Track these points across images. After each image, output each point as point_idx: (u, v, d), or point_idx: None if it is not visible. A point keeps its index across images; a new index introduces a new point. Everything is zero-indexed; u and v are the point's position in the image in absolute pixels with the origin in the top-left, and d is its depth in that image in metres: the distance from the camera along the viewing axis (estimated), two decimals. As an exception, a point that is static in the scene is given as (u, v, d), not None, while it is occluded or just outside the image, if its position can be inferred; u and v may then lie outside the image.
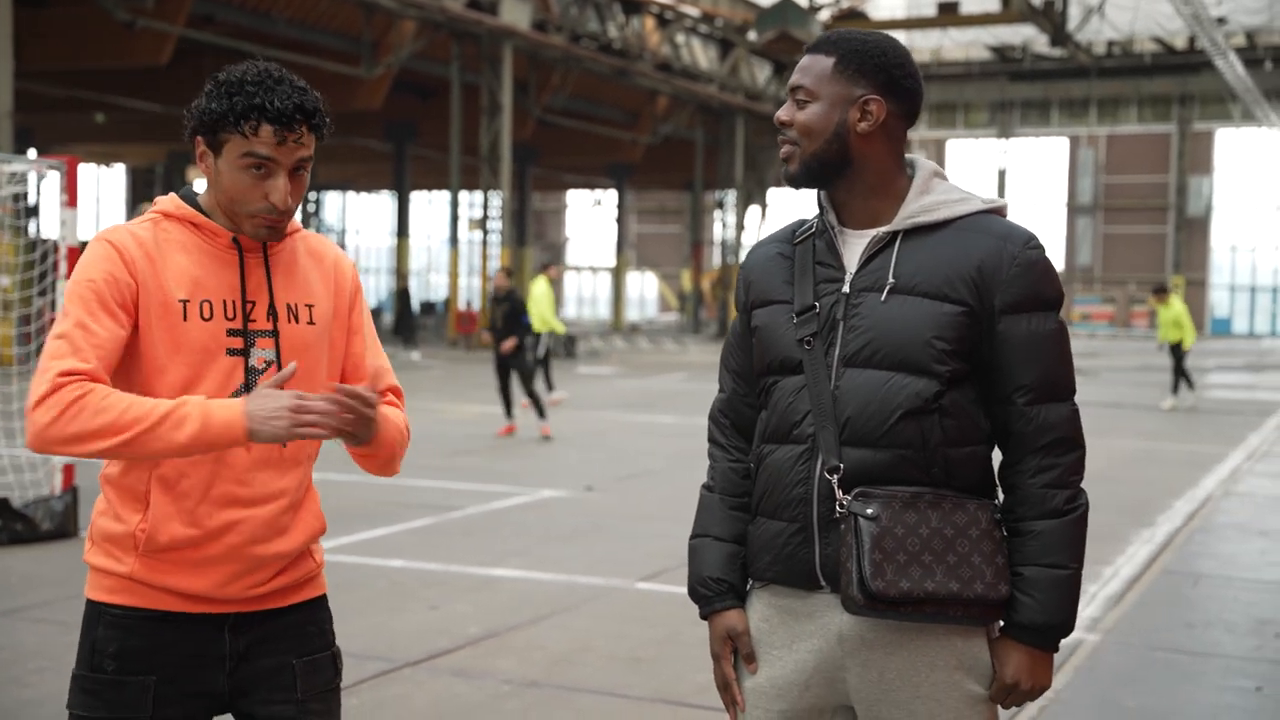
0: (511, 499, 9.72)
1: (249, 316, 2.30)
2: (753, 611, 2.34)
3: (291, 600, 2.38)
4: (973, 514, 2.18)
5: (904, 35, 47.00)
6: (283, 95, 2.22)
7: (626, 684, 5.25)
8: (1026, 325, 2.20)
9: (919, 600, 2.14)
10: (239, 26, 27.14)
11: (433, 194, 56.22)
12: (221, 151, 2.25)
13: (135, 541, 2.26)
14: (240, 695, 2.34)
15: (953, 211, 2.25)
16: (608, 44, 32.55)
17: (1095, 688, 5.35)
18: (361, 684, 5.14)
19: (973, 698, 2.23)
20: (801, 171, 2.27)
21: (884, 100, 2.25)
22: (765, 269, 2.35)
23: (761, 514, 2.31)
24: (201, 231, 2.31)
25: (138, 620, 2.28)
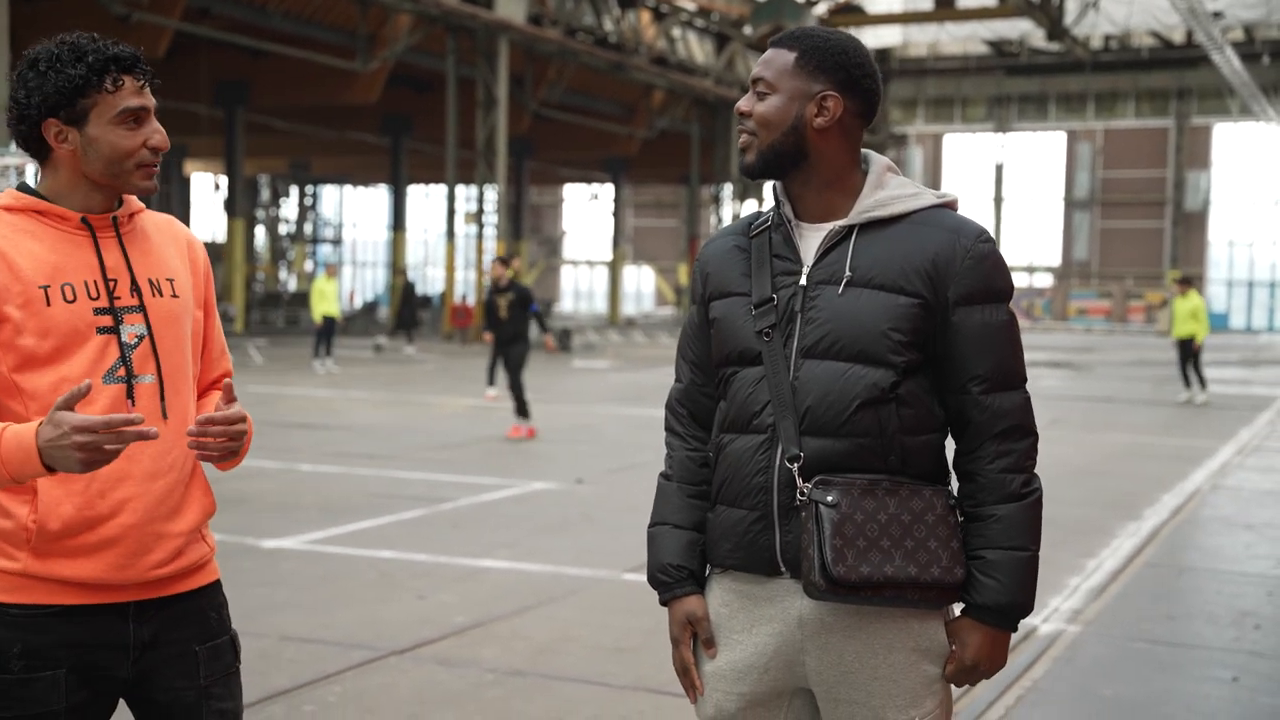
0: (502, 491, 9.77)
1: (113, 294, 2.29)
2: (712, 597, 2.38)
3: (190, 585, 2.38)
4: (928, 500, 2.24)
5: (900, 29, 47.08)
6: (121, 47, 2.26)
7: (609, 672, 5.30)
8: (980, 316, 2.26)
9: (879, 585, 2.19)
10: (234, 20, 27.17)
11: (429, 188, 56.26)
12: (88, 119, 2.24)
13: (27, 534, 2.24)
14: (143, 681, 2.34)
15: (906, 206, 2.30)
16: (603, 38, 32.58)
17: (1073, 678, 5.40)
18: (346, 672, 5.19)
19: (928, 678, 2.29)
20: (758, 162, 2.31)
21: (841, 97, 2.29)
22: (722, 261, 2.39)
23: (721, 502, 2.35)
24: (48, 218, 2.28)
25: (39, 617, 2.25)
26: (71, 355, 2.25)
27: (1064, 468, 11.25)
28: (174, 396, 2.34)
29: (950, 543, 2.24)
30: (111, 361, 2.27)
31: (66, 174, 2.29)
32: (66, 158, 2.27)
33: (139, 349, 2.30)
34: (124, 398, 2.28)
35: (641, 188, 59.30)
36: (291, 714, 4.70)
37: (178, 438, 2.33)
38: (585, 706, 4.89)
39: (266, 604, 6.18)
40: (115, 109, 2.24)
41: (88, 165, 2.27)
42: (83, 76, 2.21)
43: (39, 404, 2.24)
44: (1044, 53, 50.63)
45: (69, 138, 2.25)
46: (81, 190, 2.30)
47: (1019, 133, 55.19)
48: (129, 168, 2.28)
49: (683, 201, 51.25)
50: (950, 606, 2.33)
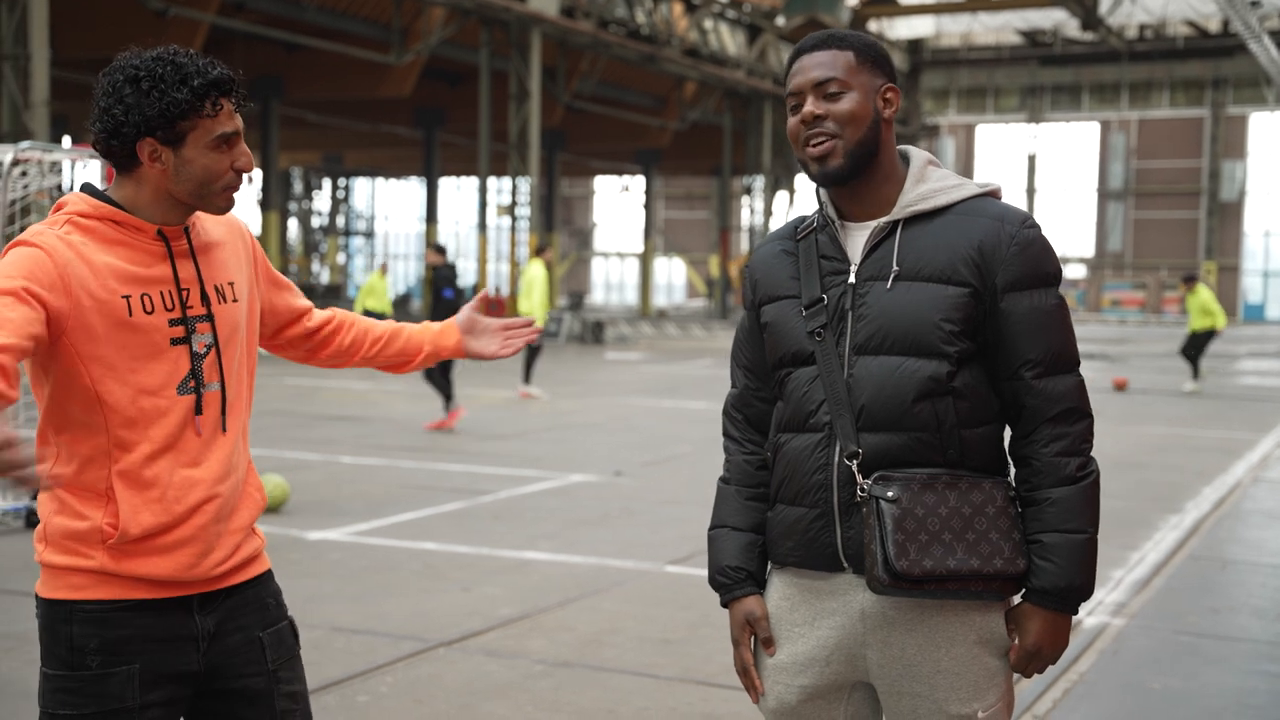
0: (541, 483, 9.82)
1: (186, 304, 2.33)
2: (773, 591, 2.41)
3: (246, 576, 2.44)
4: (988, 492, 2.26)
5: (933, 19, 46.89)
6: (221, 70, 2.27)
7: (656, 664, 5.33)
8: (1028, 301, 2.27)
9: (942, 578, 2.21)
10: (269, 14, 27.29)
11: (461, 180, 56.37)
12: (185, 141, 2.25)
13: (103, 536, 2.27)
14: (214, 674, 2.38)
15: (949, 197, 2.32)
16: (636, 30, 32.56)
17: (1120, 671, 5.40)
18: (396, 663, 5.24)
19: (991, 670, 2.31)
20: (848, 163, 2.30)
21: (898, 91, 2.36)
22: (770, 266, 2.43)
23: (781, 501, 2.38)
24: (124, 228, 2.29)
25: (113, 612, 2.29)
26: (149, 366, 2.29)
27: (1103, 460, 11.11)
28: (235, 403, 2.41)
29: (1012, 534, 2.25)
30: (184, 372, 2.32)
31: (150, 190, 2.30)
32: (156, 175, 2.28)
33: (207, 358, 2.35)
34: (193, 407, 2.33)
35: (673, 179, 59.26)
36: (345, 704, 4.75)
37: (238, 441, 2.41)
38: (635, 698, 4.93)
39: (315, 595, 6.24)
40: (213, 134, 2.26)
41: (176, 185, 2.28)
42: (186, 101, 2.22)
43: (120, 417, 2.27)
44: (1078, 42, 50.27)
45: (163, 157, 2.26)
46: (163, 205, 2.32)
47: (1052, 123, 54.85)
48: (216, 189, 2.30)
49: (714, 193, 51.19)
50: (1010, 598, 2.35)
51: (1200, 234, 52.62)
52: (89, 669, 2.28)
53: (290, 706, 2.45)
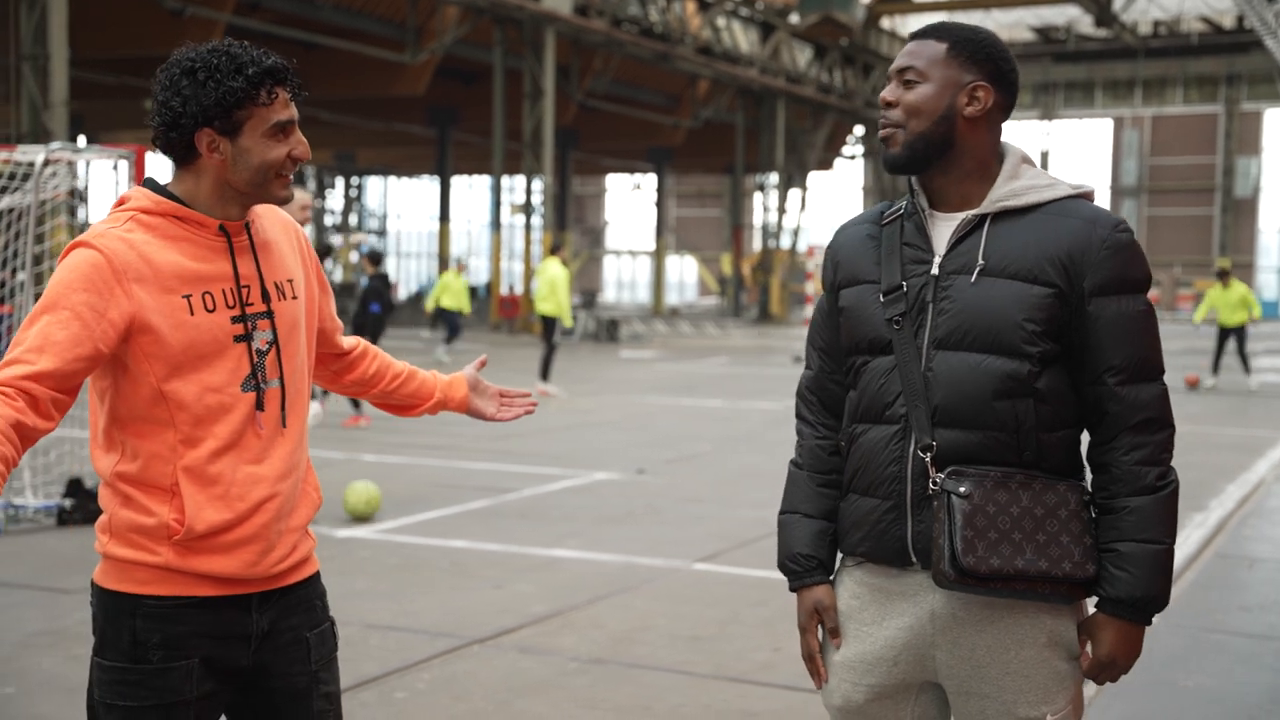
0: (565, 481, 9.85)
1: (246, 302, 2.33)
2: (843, 589, 2.41)
3: (300, 576, 2.46)
4: (1062, 495, 2.24)
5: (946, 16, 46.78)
6: (275, 59, 2.29)
7: (689, 661, 5.36)
8: (1116, 306, 2.24)
9: (1008, 577, 2.20)
10: (285, 14, 27.38)
11: (473, 179, 56.43)
12: (242, 130, 2.26)
13: (169, 532, 2.29)
14: (260, 671, 2.41)
15: (1040, 196, 2.29)
16: (649, 28, 32.58)
17: (1152, 669, 5.40)
18: (433, 660, 5.27)
19: (1060, 674, 2.29)
20: (905, 153, 2.30)
21: (992, 89, 2.31)
22: (853, 249, 2.41)
23: (854, 491, 2.37)
24: (186, 223, 2.30)
25: (176, 609, 2.31)
26: (213, 364, 2.30)
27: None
28: (295, 400, 2.42)
29: (1083, 538, 2.23)
30: (246, 370, 2.33)
31: (210, 181, 2.31)
32: (215, 166, 2.29)
33: (268, 356, 2.36)
34: (254, 405, 2.34)
35: (685, 177, 59.28)
36: (384, 700, 4.79)
37: (299, 439, 2.43)
38: (670, 694, 4.95)
39: (347, 592, 6.28)
40: (269, 122, 2.27)
41: (234, 174, 2.29)
42: (242, 89, 2.24)
43: (187, 414, 2.29)
44: (1092, 39, 50.18)
45: (221, 147, 2.27)
46: (223, 199, 2.32)
47: (1065, 120, 54.76)
48: (271, 177, 2.31)
49: (726, 191, 51.20)
50: (1084, 603, 2.33)
51: (1214, 231, 52.50)
52: (150, 663, 2.30)
53: (326, 707, 2.49)
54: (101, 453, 2.34)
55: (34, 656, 5.18)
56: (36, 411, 2.16)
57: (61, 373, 2.17)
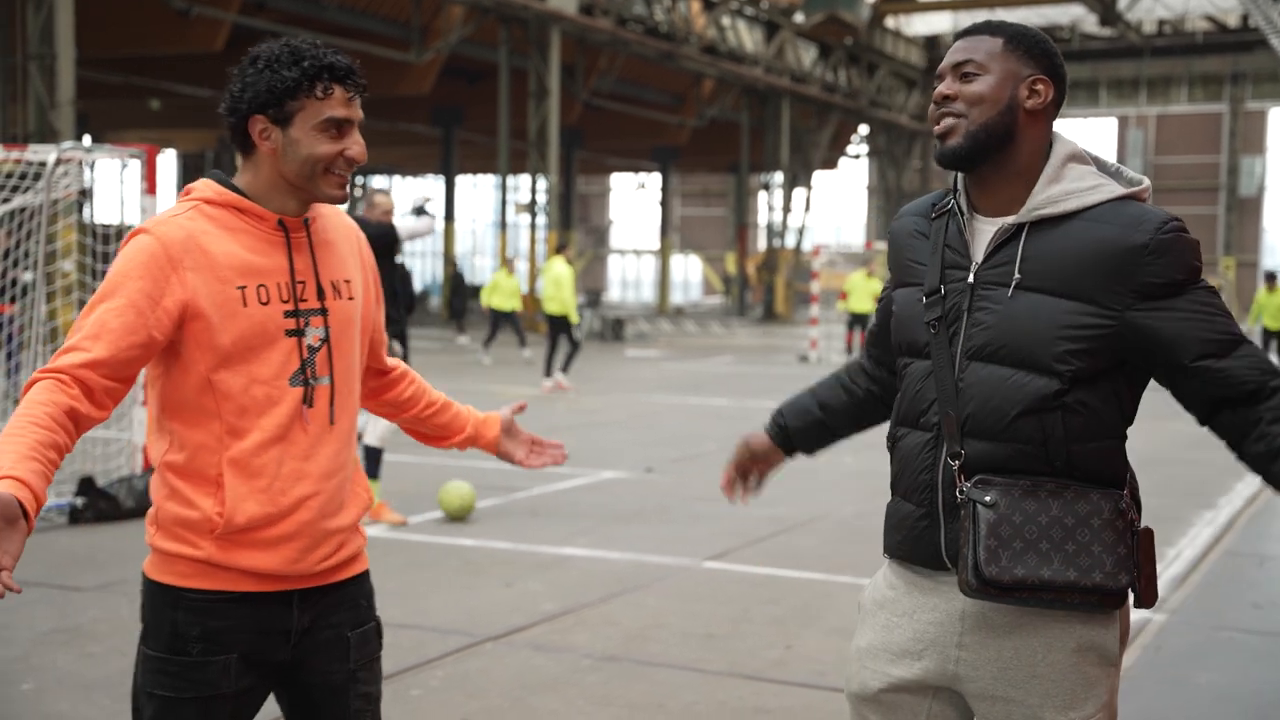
0: (573, 480, 9.86)
1: (300, 297, 2.35)
2: (881, 578, 2.43)
3: (346, 574, 2.47)
4: (1095, 503, 2.18)
5: (952, 15, 46.76)
6: (338, 57, 2.32)
7: (702, 659, 5.37)
8: (1178, 306, 2.18)
9: (1034, 587, 2.16)
10: (290, 13, 27.40)
11: (478, 178, 56.44)
12: (293, 121, 2.29)
13: (211, 525, 2.32)
14: (298, 666, 2.42)
15: (1081, 201, 2.23)
16: (654, 27, 32.58)
17: (1165, 666, 5.42)
18: (446, 657, 5.29)
19: (1091, 680, 2.24)
20: (966, 143, 2.25)
21: (1051, 83, 2.28)
22: (904, 246, 2.42)
23: (896, 494, 2.39)
24: (246, 216, 2.33)
25: (217, 603, 2.34)
26: (262, 356, 2.32)
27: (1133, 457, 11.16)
28: (345, 399, 2.43)
29: (1117, 548, 2.18)
30: (296, 364, 2.35)
31: (266, 172, 2.34)
32: (267, 155, 2.32)
33: (319, 353, 2.37)
34: (301, 401, 2.35)
35: (690, 177, 59.25)
36: (399, 697, 4.80)
37: (347, 438, 2.43)
38: (683, 692, 4.96)
39: (359, 590, 6.29)
40: (320, 116, 2.29)
41: (285, 165, 2.31)
42: (294, 80, 2.27)
43: (233, 404, 2.31)
44: (1096, 38, 50.12)
45: (272, 136, 2.30)
46: (279, 191, 2.35)
47: (1069, 119, 54.68)
48: (319, 172, 2.32)
49: (731, 190, 51.18)
50: (1123, 611, 2.28)
51: (1219, 230, 52.44)
52: (189, 655, 2.32)
53: (363, 707, 2.49)
54: (154, 440, 2.38)
55: (49, 654, 5.19)
56: (91, 400, 2.19)
57: (116, 360, 2.21)
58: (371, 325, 2.57)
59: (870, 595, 2.45)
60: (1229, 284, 48.69)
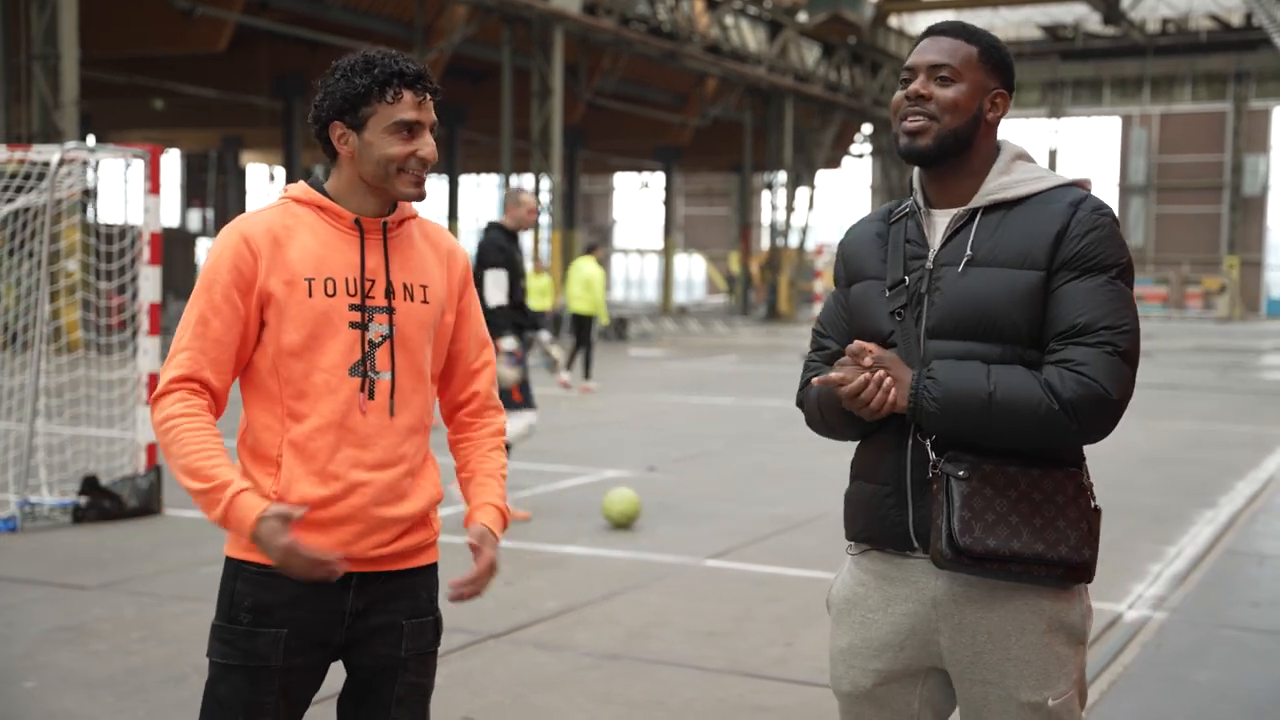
0: (576, 479, 9.88)
1: (367, 294, 2.46)
2: (849, 576, 2.49)
3: (409, 564, 2.55)
4: (1060, 481, 2.30)
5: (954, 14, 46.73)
6: (408, 64, 2.46)
7: (703, 656, 5.39)
8: (1080, 283, 2.29)
9: (1004, 559, 2.25)
10: (294, 13, 27.41)
11: (480, 178, 56.46)
12: (366, 125, 2.43)
13: (270, 501, 2.41)
14: (350, 646, 2.52)
15: (1031, 188, 2.38)
16: (657, 27, 32.58)
17: (1164, 664, 5.43)
18: (449, 654, 5.30)
19: (1062, 659, 2.34)
20: (934, 146, 2.38)
21: (1008, 97, 2.43)
22: (861, 247, 2.51)
23: (859, 477, 2.45)
24: (326, 214, 2.49)
25: (271, 577, 2.44)
26: (324, 345, 2.44)
27: (1135, 455, 11.23)
28: (408, 395, 2.51)
29: (1080, 524, 2.29)
30: (357, 356, 2.45)
31: (347, 174, 2.50)
32: (347, 159, 2.49)
33: (381, 348, 2.47)
34: (359, 391, 2.45)
35: (693, 176, 59.25)
36: (401, 695, 4.82)
37: (408, 433, 2.51)
38: (683, 689, 4.99)
39: (362, 589, 6.31)
40: (391, 119, 2.43)
41: (362, 167, 2.47)
42: (366, 86, 2.43)
43: (293, 389, 2.44)
44: (1099, 37, 50.12)
45: (349, 140, 2.47)
46: (359, 192, 2.50)
47: (1073, 118, 54.67)
48: (394, 172, 2.45)
49: (734, 190, 51.20)
50: (1086, 589, 2.38)
51: (1223, 229, 52.40)
52: (240, 624, 2.45)
53: (409, 695, 2.56)
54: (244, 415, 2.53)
55: (52, 652, 5.22)
56: (216, 400, 2.46)
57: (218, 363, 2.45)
58: (449, 337, 2.62)
59: (839, 593, 2.50)
60: (1233, 283, 48.65)
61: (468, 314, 2.65)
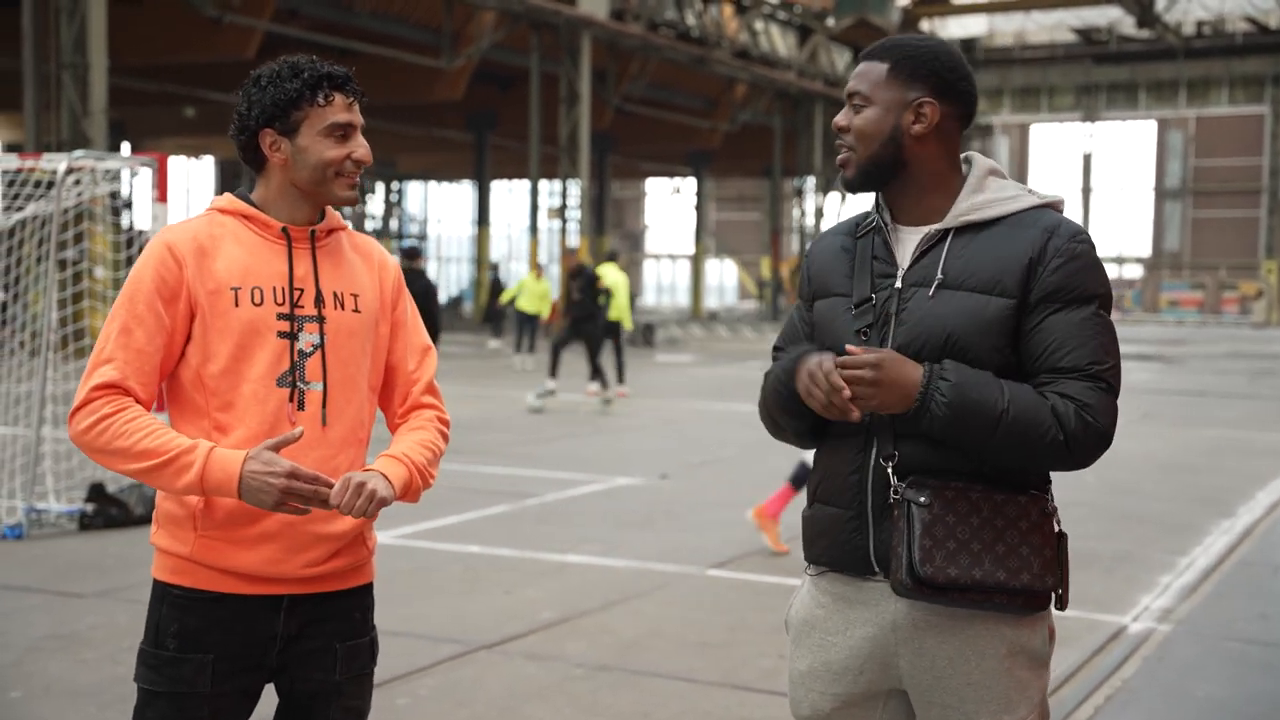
0: (587, 486, 9.85)
1: (296, 303, 2.42)
2: (808, 598, 2.42)
3: (343, 585, 2.49)
4: (1023, 507, 2.24)
5: (986, 19, 46.53)
6: (334, 67, 2.43)
7: (694, 668, 5.34)
8: (1063, 316, 2.23)
9: (965, 588, 2.20)
10: (322, 20, 27.55)
11: (512, 183, 56.58)
12: (299, 130, 2.40)
13: (195, 520, 2.38)
14: (282, 671, 2.46)
15: (1004, 209, 2.30)
16: (686, 32, 32.57)
17: (1164, 677, 5.34)
18: (437, 666, 5.28)
19: (1022, 683, 2.29)
20: (857, 176, 2.34)
21: (938, 103, 2.31)
22: (826, 261, 2.43)
23: (819, 500, 2.38)
24: (253, 223, 2.45)
25: (197, 601, 2.40)
26: (251, 356, 2.39)
27: (1153, 462, 11.09)
28: (342, 405, 2.46)
29: (1044, 551, 2.23)
30: (285, 367, 2.41)
31: (277, 182, 2.46)
32: (278, 166, 2.44)
33: (312, 358, 2.43)
34: (288, 401, 2.40)
35: (724, 181, 59.20)
36: (385, 706, 4.80)
37: (342, 445, 2.46)
38: (672, 701, 4.94)
39: (358, 597, 6.30)
40: (324, 122, 2.41)
41: (296, 173, 2.43)
42: (297, 90, 2.39)
43: (219, 400, 2.39)
44: (1134, 40, 49.72)
45: (281, 147, 2.43)
46: (289, 199, 2.46)
47: (1108, 122, 54.25)
48: (330, 176, 2.43)
49: (765, 194, 51.08)
50: (1049, 613, 2.32)
51: (1260, 233, 51.83)
52: (167, 650, 2.41)
53: (344, 719, 2.50)
54: None
55: (41, 660, 5.23)
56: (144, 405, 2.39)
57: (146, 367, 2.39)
58: (385, 348, 2.57)
59: (797, 614, 2.44)
60: (1270, 288, 48.10)
61: (403, 324, 2.60)
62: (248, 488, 2.27)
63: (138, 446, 2.30)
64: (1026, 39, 52.45)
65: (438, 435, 2.61)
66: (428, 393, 2.65)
